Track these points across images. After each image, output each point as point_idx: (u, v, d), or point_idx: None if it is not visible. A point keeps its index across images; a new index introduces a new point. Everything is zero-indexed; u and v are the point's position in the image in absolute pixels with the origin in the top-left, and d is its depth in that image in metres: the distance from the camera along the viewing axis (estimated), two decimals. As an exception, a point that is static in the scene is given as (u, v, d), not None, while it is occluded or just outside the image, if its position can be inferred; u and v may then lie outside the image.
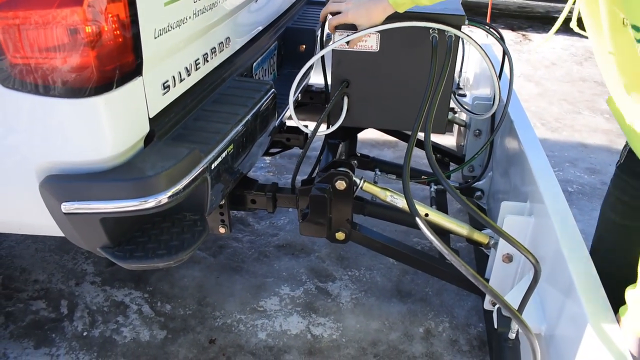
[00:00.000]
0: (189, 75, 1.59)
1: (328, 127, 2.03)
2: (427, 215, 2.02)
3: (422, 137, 1.56)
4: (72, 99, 1.20)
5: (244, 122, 1.66)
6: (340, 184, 1.94)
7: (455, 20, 1.78)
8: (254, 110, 1.73)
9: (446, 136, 3.38)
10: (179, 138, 1.48)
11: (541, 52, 5.94)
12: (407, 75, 1.91)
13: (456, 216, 2.84)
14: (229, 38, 1.88)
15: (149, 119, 1.39)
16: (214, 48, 1.76)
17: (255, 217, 2.95)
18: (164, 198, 1.31)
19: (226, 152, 1.55)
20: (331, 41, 1.87)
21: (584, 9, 1.37)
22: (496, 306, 1.71)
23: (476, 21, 2.03)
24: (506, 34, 6.54)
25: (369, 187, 2.04)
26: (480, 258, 2.48)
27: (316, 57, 1.90)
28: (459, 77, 3.24)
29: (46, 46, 1.16)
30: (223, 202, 1.93)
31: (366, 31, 1.79)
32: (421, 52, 1.84)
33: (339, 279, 2.52)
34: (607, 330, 1.28)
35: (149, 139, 1.42)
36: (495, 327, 1.61)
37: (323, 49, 1.90)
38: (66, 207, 1.29)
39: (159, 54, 1.40)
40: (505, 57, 2.16)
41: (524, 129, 2.22)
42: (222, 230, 2.00)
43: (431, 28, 1.77)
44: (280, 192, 2.07)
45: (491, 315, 1.84)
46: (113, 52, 1.21)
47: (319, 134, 1.98)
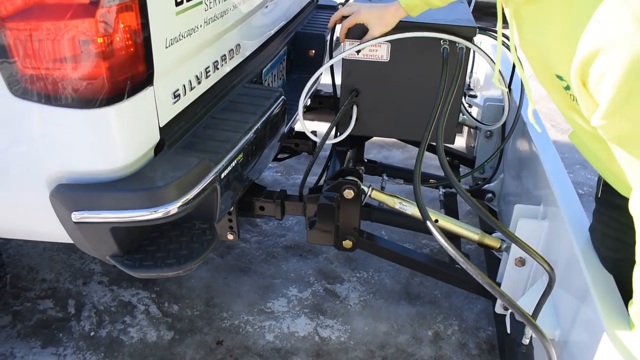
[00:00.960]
0: (199, 83, 1.60)
1: (336, 136, 2.04)
2: (436, 221, 2.01)
3: (431, 142, 1.55)
4: (84, 110, 1.21)
5: (253, 130, 1.66)
6: (349, 193, 1.95)
7: (467, 32, 1.77)
8: (264, 118, 1.73)
9: (457, 137, 3.37)
10: (188, 147, 1.48)
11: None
12: (417, 86, 1.92)
13: (466, 218, 2.85)
14: (239, 45, 1.88)
15: (159, 128, 1.40)
16: (225, 55, 1.76)
17: (263, 218, 2.95)
18: (173, 208, 1.32)
19: (236, 160, 1.55)
20: (341, 48, 1.87)
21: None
22: (509, 311, 1.71)
23: (487, 30, 2.02)
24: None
25: (377, 194, 2.04)
26: (490, 260, 2.47)
27: (325, 67, 1.90)
28: (470, 77, 3.23)
29: (58, 56, 1.16)
30: (232, 209, 1.93)
31: (376, 40, 1.78)
32: (432, 63, 1.84)
33: (347, 280, 2.52)
34: (623, 337, 1.27)
35: (159, 148, 1.43)
36: (509, 332, 1.61)
37: (332, 58, 1.90)
38: (76, 216, 1.30)
39: (170, 64, 1.40)
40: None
41: (537, 131, 2.21)
42: (230, 237, 2.00)
43: (442, 39, 1.76)
44: (288, 199, 2.07)
45: (502, 319, 1.84)
46: (124, 63, 1.21)
47: (328, 142, 1.98)
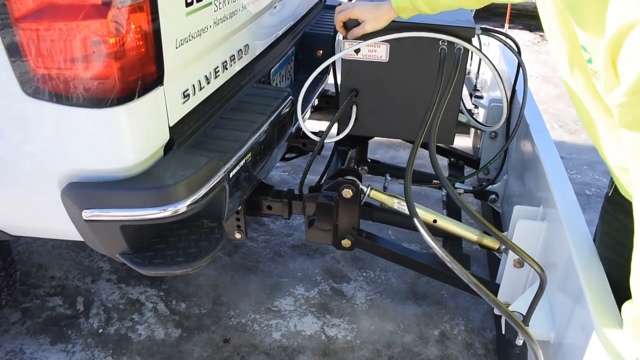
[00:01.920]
0: (208, 83, 1.61)
1: (336, 136, 2.05)
2: (435, 221, 2.02)
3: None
4: (95, 109, 1.23)
5: (262, 130, 1.67)
6: (347, 192, 1.96)
7: (465, 33, 1.77)
8: (272, 118, 1.75)
9: (463, 137, 3.38)
10: (198, 146, 1.50)
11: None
12: (416, 86, 1.93)
13: (470, 220, 2.85)
14: (248, 45, 1.89)
15: (169, 127, 1.42)
16: (233, 55, 1.78)
17: (270, 217, 2.96)
18: (182, 207, 1.33)
19: (244, 160, 1.57)
20: (340, 49, 1.88)
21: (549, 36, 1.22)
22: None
23: (491, 31, 2.02)
24: (524, 34, 6.49)
25: (376, 194, 2.05)
26: (493, 263, 2.48)
27: (322, 66, 1.89)
28: (476, 78, 3.23)
29: (70, 56, 1.18)
30: (239, 208, 1.94)
31: (375, 40, 1.79)
32: (431, 64, 1.84)
33: (354, 280, 2.54)
34: (613, 338, 1.28)
35: (168, 147, 1.44)
36: (503, 332, 1.61)
37: (329, 58, 1.91)
38: (87, 214, 1.32)
39: (180, 64, 1.41)
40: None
41: (539, 133, 2.22)
42: (238, 236, 2.02)
43: (441, 40, 1.77)
44: (296, 199, 2.09)
45: (500, 320, 1.85)
46: (135, 63, 1.23)
47: (327, 141, 1.99)
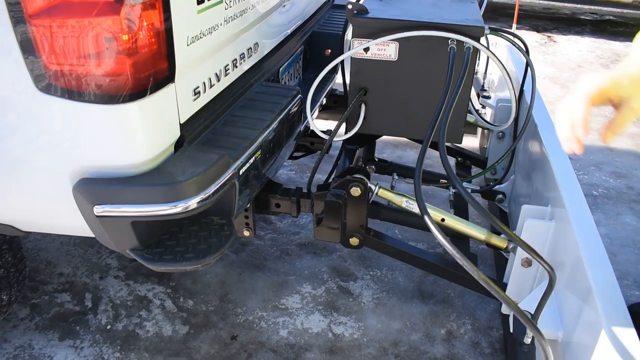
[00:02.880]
0: (218, 81, 1.62)
1: (345, 134, 2.06)
2: (443, 220, 2.03)
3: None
4: (107, 105, 1.24)
5: (271, 128, 1.68)
6: (355, 191, 1.97)
7: (475, 32, 1.78)
8: (282, 116, 1.76)
9: (470, 138, 3.38)
10: (208, 143, 1.51)
11: (567, 54, 5.87)
12: (425, 85, 1.93)
13: (478, 219, 2.85)
14: (257, 43, 1.90)
15: (179, 124, 1.43)
16: (243, 54, 1.79)
17: (278, 215, 2.97)
18: (193, 203, 1.34)
19: (254, 157, 1.58)
20: (349, 48, 1.88)
21: None
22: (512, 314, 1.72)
23: (500, 31, 2.02)
24: (531, 35, 6.47)
25: (384, 193, 2.06)
26: (500, 263, 2.48)
27: (331, 65, 1.90)
28: (484, 78, 3.23)
29: (83, 53, 1.19)
30: (248, 206, 1.95)
31: (384, 38, 1.79)
32: (440, 63, 1.85)
33: (361, 278, 2.54)
34: (622, 337, 1.28)
35: (179, 144, 1.45)
36: (511, 331, 1.62)
37: (339, 56, 1.91)
38: (98, 210, 1.33)
39: (191, 61, 1.43)
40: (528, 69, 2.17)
41: (548, 132, 2.21)
42: (246, 234, 2.03)
43: (450, 39, 1.77)
44: (304, 197, 2.10)
45: (508, 319, 1.85)
46: (148, 60, 1.24)
47: (336, 139, 2.00)
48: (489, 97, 3.09)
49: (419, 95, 1.94)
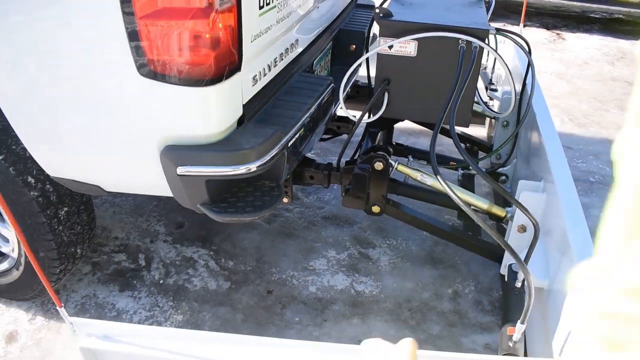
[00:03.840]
0: (269, 70, 1.98)
1: (370, 117, 2.41)
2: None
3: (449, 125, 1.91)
4: (193, 87, 1.60)
5: (311, 111, 2.04)
6: (379, 165, 2.33)
7: (481, 34, 2.12)
8: (319, 101, 2.12)
9: (479, 128, 3.72)
10: (263, 121, 1.87)
11: (575, 51, 6.16)
12: (439, 77, 2.27)
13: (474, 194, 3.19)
14: (297, 40, 2.26)
15: (242, 104, 1.79)
16: (287, 48, 2.15)
17: (304, 192, 3.34)
18: (254, 167, 1.71)
19: (298, 134, 1.94)
20: (376, 43, 2.24)
21: None
22: (505, 263, 2.06)
23: (505, 31, 2.37)
24: (541, 32, 6.77)
25: (402, 168, 2.42)
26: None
27: (362, 59, 2.27)
28: (492, 73, 3.57)
29: (178, 46, 1.55)
30: (288, 176, 2.32)
31: (406, 38, 2.15)
32: (451, 59, 2.19)
33: (379, 246, 2.90)
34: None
35: (240, 121, 1.81)
36: (505, 279, 1.97)
37: (369, 51, 2.27)
38: (181, 170, 1.70)
39: (252, 54, 1.79)
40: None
41: (544, 120, 2.55)
42: (285, 200, 2.40)
43: (460, 39, 2.12)
44: (334, 170, 2.46)
45: (508, 284, 2.20)
46: (225, 53, 1.60)
47: (363, 122, 2.36)
48: (496, 90, 3.42)
49: (434, 85, 2.28)
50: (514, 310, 1.93)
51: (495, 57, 2.22)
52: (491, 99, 3.46)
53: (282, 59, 2.11)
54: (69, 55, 1.64)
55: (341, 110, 2.49)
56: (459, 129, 3.41)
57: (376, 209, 2.42)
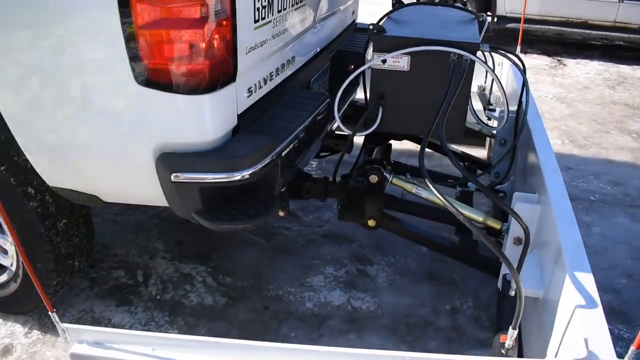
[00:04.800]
0: (265, 84, 2.02)
1: (367, 129, 2.44)
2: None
3: (453, 148, 1.93)
4: (188, 96, 1.64)
5: (306, 123, 2.08)
6: (373, 178, 2.36)
7: (471, 47, 2.16)
8: (314, 114, 2.15)
9: (478, 149, 3.74)
10: (257, 131, 1.90)
11: (575, 76, 6.22)
12: (431, 91, 2.29)
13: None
14: (294, 57, 2.31)
15: (237, 114, 1.82)
16: (284, 64, 2.19)
17: (304, 210, 3.36)
18: (246, 174, 1.73)
19: (292, 144, 1.97)
20: (370, 60, 2.28)
21: None
22: (501, 274, 2.07)
23: (499, 49, 2.41)
24: (542, 58, 6.84)
25: (397, 181, 2.43)
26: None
27: (358, 72, 2.32)
28: (490, 94, 3.61)
29: (175, 55, 1.59)
30: (283, 190, 2.34)
31: (398, 52, 2.19)
32: (443, 73, 2.22)
33: (377, 263, 2.90)
34: (583, 292, 1.61)
35: (235, 130, 1.85)
36: (500, 289, 1.97)
37: (361, 67, 2.31)
38: (175, 176, 1.73)
39: (248, 66, 1.83)
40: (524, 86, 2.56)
41: (539, 136, 2.57)
42: (281, 213, 2.42)
43: (452, 52, 2.15)
44: (330, 185, 2.48)
45: (502, 293, 2.19)
46: (220, 62, 1.64)
47: (358, 134, 2.38)
48: (494, 110, 3.46)
49: (427, 99, 2.30)
50: (507, 318, 1.92)
51: (487, 70, 2.25)
52: (489, 119, 3.49)
53: (279, 74, 2.15)
54: (69, 67, 1.69)
55: (338, 128, 2.52)
56: (458, 147, 3.46)
57: (372, 222, 2.43)
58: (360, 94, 2.93)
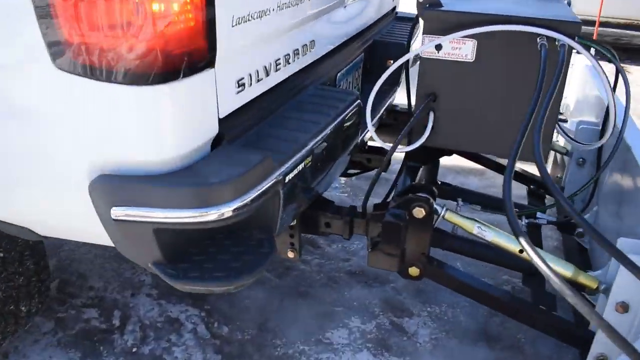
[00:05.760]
0: (267, 75, 1.45)
1: (410, 145, 1.88)
2: (521, 251, 1.78)
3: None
4: (133, 86, 1.06)
5: (325, 133, 1.50)
6: (419, 211, 1.77)
7: (571, 28, 1.54)
8: (337, 121, 1.58)
9: (525, 164, 3.13)
10: (250, 144, 1.33)
11: (643, 83, 5.54)
12: (507, 91, 1.74)
13: (552, 254, 2.57)
14: (313, 41, 1.76)
15: (218, 119, 1.23)
16: (297, 50, 1.64)
17: (327, 239, 2.79)
18: (228, 211, 1.14)
19: (303, 164, 1.38)
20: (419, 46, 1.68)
21: None
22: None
23: (583, 38, 1.77)
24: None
25: (452, 216, 1.84)
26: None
27: (399, 62, 1.72)
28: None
29: (108, 23, 1.02)
30: (294, 222, 1.77)
31: (460, 33, 1.58)
32: (526, 65, 1.64)
33: (417, 315, 2.29)
34: None
35: (216, 142, 1.25)
36: None
37: (406, 54, 1.71)
38: (116, 212, 1.14)
39: (236, 46, 1.26)
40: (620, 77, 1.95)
41: None
42: (290, 255, 1.85)
43: (539, 35, 1.53)
44: (358, 217, 1.88)
45: None
46: (182, 36, 1.07)
47: (398, 151, 1.79)
48: (565, 121, 2.86)
49: (500, 103, 1.74)
50: None
51: (588, 58, 1.63)
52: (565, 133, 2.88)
53: (289, 63, 1.57)
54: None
55: (371, 139, 1.93)
56: (518, 165, 2.83)
57: (414, 271, 1.83)
58: (402, 95, 2.35)
